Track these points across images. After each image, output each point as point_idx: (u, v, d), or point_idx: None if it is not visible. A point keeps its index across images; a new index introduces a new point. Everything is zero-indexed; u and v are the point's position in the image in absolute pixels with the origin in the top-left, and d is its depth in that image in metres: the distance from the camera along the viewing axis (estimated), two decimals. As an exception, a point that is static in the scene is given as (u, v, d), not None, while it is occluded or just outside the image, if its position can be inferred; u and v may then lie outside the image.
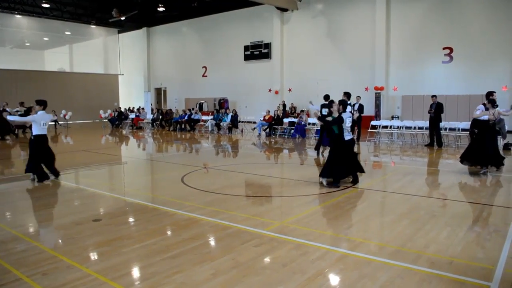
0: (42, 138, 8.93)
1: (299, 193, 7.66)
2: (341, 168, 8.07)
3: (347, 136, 8.23)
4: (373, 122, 18.08)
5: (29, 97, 27.65)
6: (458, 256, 4.48)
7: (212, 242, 5.11)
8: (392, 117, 20.04)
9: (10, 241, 5.19)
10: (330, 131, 8.98)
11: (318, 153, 12.67)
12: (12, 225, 5.94)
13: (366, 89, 21.26)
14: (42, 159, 9.01)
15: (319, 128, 18.61)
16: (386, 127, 17.63)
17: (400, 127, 17.16)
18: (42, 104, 8.90)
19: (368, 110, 19.74)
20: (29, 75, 30.17)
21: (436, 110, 14.39)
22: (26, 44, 35.40)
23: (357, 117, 16.28)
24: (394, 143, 16.25)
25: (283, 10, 24.41)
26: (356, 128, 16.74)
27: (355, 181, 8.27)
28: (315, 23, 23.44)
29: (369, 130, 17.35)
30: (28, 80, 29.57)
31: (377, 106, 20.98)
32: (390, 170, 10.79)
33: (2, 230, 5.68)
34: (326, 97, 12.90)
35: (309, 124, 19.10)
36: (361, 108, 16.35)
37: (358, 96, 16.91)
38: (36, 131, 8.83)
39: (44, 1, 26.79)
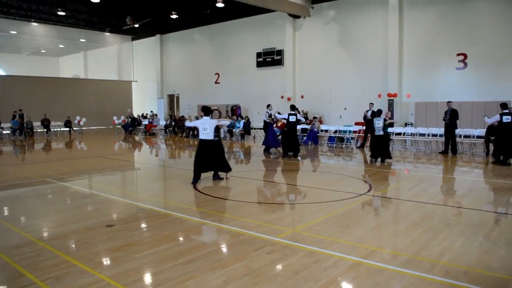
0: (202, 142, 9.48)
1: (311, 200, 7.63)
2: None
3: None
4: (386, 129, 17.98)
5: (44, 103, 28.17)
6: (473, 266, 4.41)
7: (224, 249, 5.11)
8: (406, 124, 19.88)
9: (24, 245, 5.25)
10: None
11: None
12: (27, 229, 6.02)
13: (379, 95, 21.13)
14: (204, 162, 9.50)
15: (333, 135, 18.58)
16: (399, 134, 17.51)
17: (414, 134, 17.02)
18: (204, 110, 9.60)
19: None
20: (44, 81, 30.59)
21: (451, 117, 14.25)
22: (42, 51, 35.97)
23: (367, 123, 16.27)
24: (408, 150, 16.12)
25: (296, 17, 24.46)
26: (369, 135, 16.67)
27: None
28: (327, 29, 23.44)
29: (382, 137, 17.22)
30: (44, 86, 29.97)
31: (390, 112, 20.80)
32: (404, 178, 10.70)
33: (16, 234, 5.75)
34: (292, 106, 15.47)
35: (322, 131, 19.05)
36: (373, 114, 16.26)
37: (371, 103, 16.84)
38: (200, 135, 9.60)
39: (60, 9, 27.19)
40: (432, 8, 19.82)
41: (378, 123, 12.82)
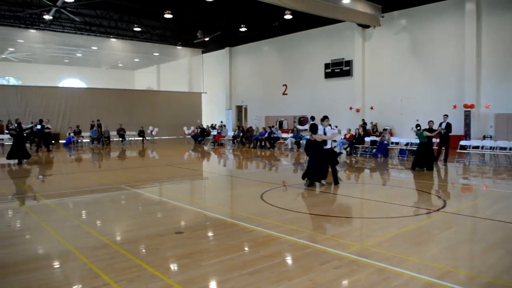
0: (331, 151, 10.69)
1: (381, 215, 7.37)
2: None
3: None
4: (462, 142, 17.03)
5: (120, 113, 29.79)
6: None
7: (290, 261, 5.05)
8: (484, 137, 18.69)
9: (100, 247, 5.53)
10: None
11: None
12: (102, 232, 6.34)
13: (455, 107, 20.11)
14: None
15: (404, 147, 17.91)
16: (477, 147, 16.48)
17: (493, 147, 15.97)
18: (327, 119, 10.70)
19: (457, 129, 18.64)
20: (120, 93, 32.41)
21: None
22: (119, 65, 38.25)
23: (443, 136, 15.50)
24: (486, 165, 15.14)
25: (365, 27, 24.02)
26: (443, 148, 15.89)
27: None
28: (398, 39, 22.77)
29: (458, 150, 16.35)
30: (120, 98, 31.73)
31: (467, 125, 19.71)
32: (482, 195, 10.03)
33: (93, 236, 6.07)
34: (312, 118, 14.56)
35: (392, 143, 18.43)
36: (448, 126, 15.51)
37: (445, 115, 16.05)
38: (328, 145, 10.56)
39: (136, 25, 28.73)
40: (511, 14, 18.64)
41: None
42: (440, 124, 15.74)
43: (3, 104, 26.34)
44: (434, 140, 16.14)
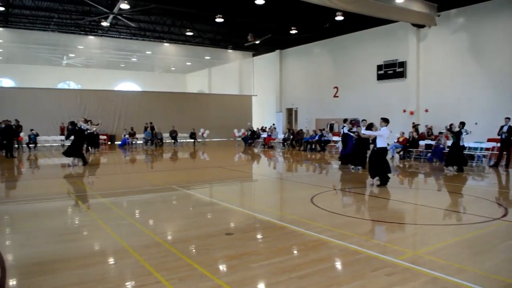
0: (383, 150, 10.90)
1: (436, 222, 7.08)
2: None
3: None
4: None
5: (172, 116, 30.57)
6: None
7: (340, 266, 4.95)
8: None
9: (153, 246, 5.68)
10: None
11: None
12: (155, 231, 6.51)
13: (517, 109, 19.03)
14: (381, 168, 10.81)
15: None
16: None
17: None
18: (387, 121, 10.82)
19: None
20: (173, 96, 33.24)
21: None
22: (172, 68, 39.25)
23: (504, 140, 14.74)
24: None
25: (420, 26, 23.24)
26: (504, 152, 15.10)
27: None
28: (455, 38, 21.84)
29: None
30: (172, 101, 32.53)
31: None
32: (547, 202, 9.42)
33: (146, 235, 6.24)
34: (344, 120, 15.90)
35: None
36: (510, 130, 14.69)
37: (507, 118, 15.21)
38: (379, 144, 10.79)
39: (188, 30, 29.38)
40: None
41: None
42: (502, 128, 14.97)
43: (64, 107, 27.76)
44: (494, 144, 15.49)
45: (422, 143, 18.69)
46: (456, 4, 21.44)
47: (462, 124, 14.43)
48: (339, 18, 23.12)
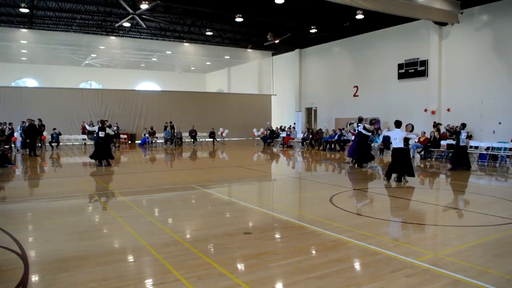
0: (394, 150, 11.42)
1: (458, 223, 6.97)
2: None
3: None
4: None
5: (192, 115, 30.79)
6: None
7: (359, 267, 4.91)
8: None
9: (172, 244, 5.73)
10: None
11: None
12: (174, 230, 6.56)
13: (543, 109, 18.57)
14: (397, 167, 11.22)
15: (484, 152, 16.85)
16: None
17: None
18: (396, 124, 11.33)
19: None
20: (192, 96, 33.44)
21: None
22: (192, 68, 39.48)
23: None
24: None
25: (442, 24, 22.85)
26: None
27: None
28: (479, 36, 21.41)
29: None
30: (192, 100, 32.73)
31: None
32: None
33: (165, 233, 6.29)
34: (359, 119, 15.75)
35: (471, 147, 17.37)
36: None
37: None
38: (394, 145, 11.40)
39: (208, 30, 29.52)
40: None
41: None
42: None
43: (86, 106, 28.23)
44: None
45: (443, 142, 18.38)
46: (480, 1, 21.01)
47: (463, 125, 14.64)
48: (360, 16, 22.91)
